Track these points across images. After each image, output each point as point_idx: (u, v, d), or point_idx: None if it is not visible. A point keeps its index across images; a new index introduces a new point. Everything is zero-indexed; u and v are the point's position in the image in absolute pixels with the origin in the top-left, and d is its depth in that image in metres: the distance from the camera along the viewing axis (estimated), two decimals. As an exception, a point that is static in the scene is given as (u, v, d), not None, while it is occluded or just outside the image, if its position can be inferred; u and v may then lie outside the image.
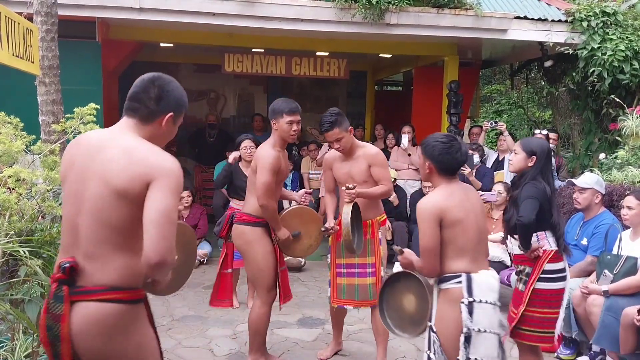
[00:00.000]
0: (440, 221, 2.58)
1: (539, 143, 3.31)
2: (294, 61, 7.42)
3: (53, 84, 4.41)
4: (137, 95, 1.99)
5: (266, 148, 3.67)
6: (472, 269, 2.59)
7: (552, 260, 3.21)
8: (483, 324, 2.55)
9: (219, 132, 8.74)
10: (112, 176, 1.86)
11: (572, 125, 7.83)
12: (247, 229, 3.69)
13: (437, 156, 2.66)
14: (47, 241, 3.39)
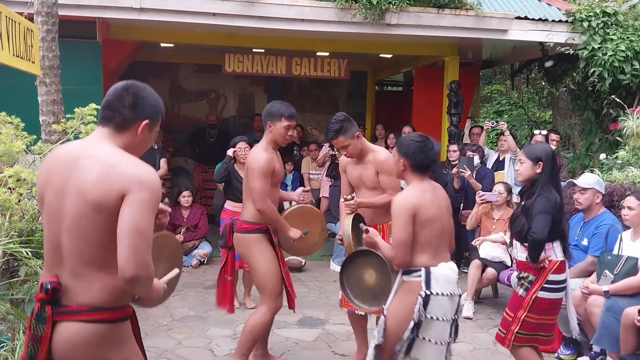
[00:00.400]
0: (415, 216, 2.76)
1: (542, 148, 3.32)
2: (294, 61, 7.42)
3: (54, 84, 4.41)
4: (111, 103, 1.93)
5: (258, 151, 3.59)
6: (432, 263, 2.81)
7: (556, 271, 3.22)
8: (436, 314, 2.79)
9: (219, 132, 8.74)
10: (88, 189, 1.80)
11: (573, 125, 7.84)
12: (247, 236, 3.63)
13: (411, 154, 2.86)
14: (48, 241, 3.39)
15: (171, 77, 9.75)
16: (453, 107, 7.32)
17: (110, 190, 1.79)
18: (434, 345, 2.83)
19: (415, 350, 2.84)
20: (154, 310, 5.04)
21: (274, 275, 3.61)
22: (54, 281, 1.84)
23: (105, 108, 1.94)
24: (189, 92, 9.88)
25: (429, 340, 2.82)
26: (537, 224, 3.13)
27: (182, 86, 9.84)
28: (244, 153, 5.34)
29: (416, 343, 2.83)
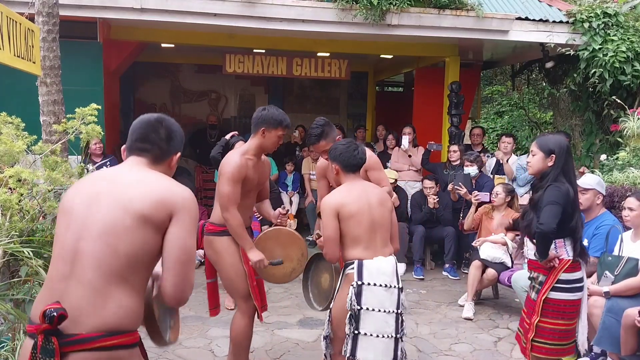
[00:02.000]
0: (337, 215, 2.94)
1: (557, 140, 3.12)
2: (294, 62, 7.43)
3: (54, 84, 4.41)
4: (148, 136, 1.95)
5: (232, 155, 3.42)
6: (366, 256, 2.93)
7: (569, 270, 3.06)
8: (372, 304, 2.86)
9: (220, 133, 8.73)
10: (133, 199, 1.77)
11: (573, 126, 7.83)
12: (214, 239, 3.49)
13: (339, 156, 3.08)
14: (49, 241, 3.39)
15: (172, 78, 9.77)
16: (454, 107, 7.32)
17: (158, 204, 1.77)
18: (377, 339, 2.87)
19: (360, 350, 2.87)
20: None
21: (238, 277, 3.46)
22: (58, 308, 1.63)
23: (141, 140, 1.95)
24: (189, 93, 9.90)
25: (370, 335, 2.86)
26: (545, 214, 2.93)
27: (182, 86, 9.85)
28: None
29: (359, 341, 2.87)
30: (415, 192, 6.90)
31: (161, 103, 9.69)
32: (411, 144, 7.21)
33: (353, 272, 2.92)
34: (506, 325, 4.99)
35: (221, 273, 3.55)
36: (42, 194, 3.24)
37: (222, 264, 3.50)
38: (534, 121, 11.32)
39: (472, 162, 6.22)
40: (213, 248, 3.51)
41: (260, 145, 3.46)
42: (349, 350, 2.88)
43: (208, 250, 3.57)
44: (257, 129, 3.44)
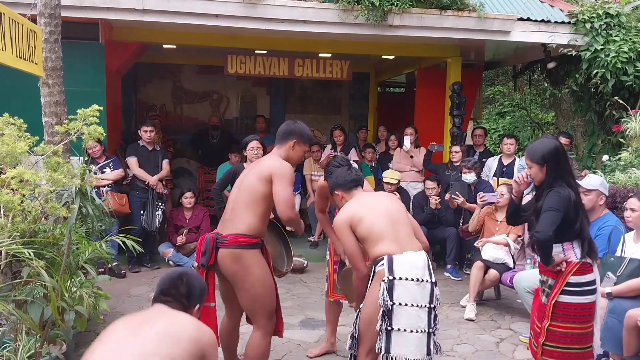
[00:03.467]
0: (350, 226, 3.02)
1: (544, 146, 3.09)
2: (296, 63, 7.43)
3: (56, 85, 4.42)
4: (169, 291, 2.23)
5: (281, 160, 3.34)
6: (394, 251, 2.93)
7: (578, 273, 3.00)
8: (404, 299, 2.85)
9: (221, 134, 8.76)
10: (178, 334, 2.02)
11: (575, 127, 7.83)
12: (245, 252, 3.21)
13: (336, 181, 3.27)
14: (50, 242, 3.39)
15: (174, 79, 9.77)
16: (455, 108, 7.31)
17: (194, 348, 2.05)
18: (410, 334, 2.85)
19: (394, 346, 2.85)
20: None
21: (270, 293, 3.31)
22: None
23: (163, 294, 2.23)
24: (191, 94, 9.89)
25: (404, 330, 2.85)
26: (542, 222, 2.92)
27: (184, 87, 9.85)
28: (257, 153, 5.33)
29: (393, 337, 2.85)
30: (417, 193, 6.90)
31: (161, 104, 9.69)
32: (413, 144, 7.21)
33: (383, 268, 2.90)
34: (508, 326, 4.98)
35: (247, 290, 3.25)
36: (44, 195, 3.25)
37: (251, 280, 3.22)
38: (536, 122, 11.31)
39: (470, 169, 6.19)
40: (242, 262, 3.20)
41: (287, 157, 3.40)
42: (383, 347, 2.86)
43: (234, 265, 3.21)
44: (288, 140, 3.39)
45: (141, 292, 5.62)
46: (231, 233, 3.23)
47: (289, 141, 3.39)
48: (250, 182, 3.29)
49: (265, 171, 3.23)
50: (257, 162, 3.51)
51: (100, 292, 3.80)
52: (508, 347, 4.50)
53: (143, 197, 6.40)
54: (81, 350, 4.13)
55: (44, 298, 3.17)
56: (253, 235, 3.24)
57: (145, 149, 6.48)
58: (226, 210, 3.39)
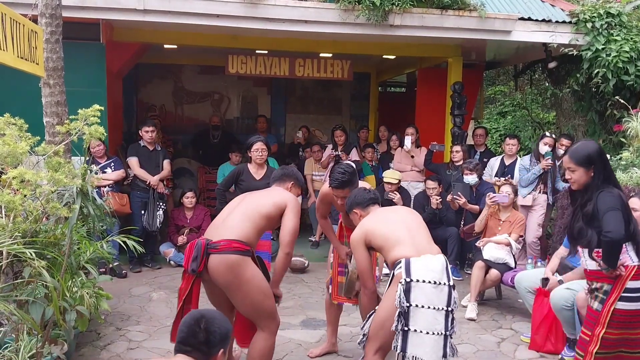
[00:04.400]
0: (365, 240, 3.12)
1: (590, 148, 2.95)
2: (297, 62, 7.43)
3: (57, 85, 4.42)
4: (188, 340, 2.15)
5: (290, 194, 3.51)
6: (412, 254, 2.97)
7: (635, 277, 2.85)
8: (421, 301, 2.86)
9: (222, 134, 8.75)
10: None
11: (577, 126, 7.80)
12: (239, 259, 3.11)
13: (355, 201, 3.39)
14: (52, 242, 3.40)
15: (175, 79, 9.77)
16: (456, 108, 7.30)
17: None
18: (427, 336, 2.86)
19: (410, 346, 2.87)
20: (157, 311, 5.06)
21: (270, 297, 3.28)
22: None
23: (183, 344, 2.16)
24: (192, 94, 9.90)
25: (420, 332, 2.86)
26: (610, 221, 2.75)
27: (185, 87, 9.86)
28: (261, 154, 5.35)
29: (410, 338, 2.86)
30: (418, 193, 6.90)
31: (161, 104, 9.69)
32: (414, 144, 7.21)
33: (400, 271, 2.93)
34: (509, 326, 4.98)
35: (244, 299, 3.19)
36: (46, 195, 3.25)
37: (246, 288, 3.15)
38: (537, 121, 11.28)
39: (472, 170, 6.18)
40: (236, 270, 3.11)
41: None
42: (400, 347, 2.89)
43: (227, 273, 3.10)
44: (285, 182, 3.65)
45: (142, 292, 5.63)
46: (224, 238, 3.13)
47: (286, 183, 3.65)
48: (259, 201, 3.37)
49: (281, 200, 3.37)
50: (266, 190, 3.63)
51: (101, 292, 3.80)
52: (509, 347, 4.50)
53: (144, 197, 6.40)
54: (82, 350, 4.14)
55: (45, 298, 3.18)
56: (247, 243, 3.17)
57: (146, 149, 6.49)
58: (219, 218, 3.36)
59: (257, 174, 5.42)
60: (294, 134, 9.32)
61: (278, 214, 3.32)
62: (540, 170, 6.17)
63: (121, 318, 4.88)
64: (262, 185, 5.20)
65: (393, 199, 6.51)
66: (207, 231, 3.33)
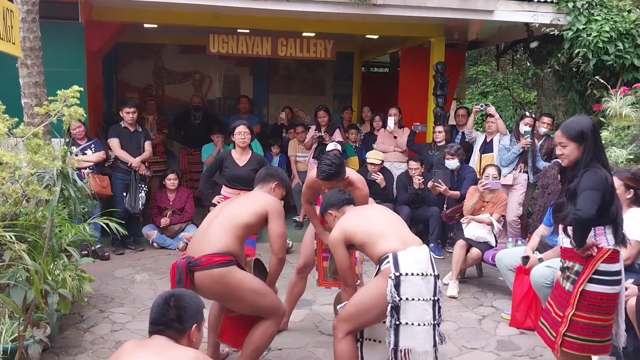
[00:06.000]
0: (345, 240, 3.12)
1: (582, 123, 2.87)
2: (279, 42, 7.35)
3: (35, 65, 4.35)
4: (159, 320, 2.15)
5: (273, 197, 3.51)
6: (398, 248, 2.98)
7: (608, 260, 2.81)
8: (411, 294, 2.89)
9: (204, 115, 8.67)
10: None
11: (557, 106, 7.89)
12: (223, 271, 3.10)
13: (329, 202, 3.39)
14: (32, 225, 3.37)
15: (155, 59, 9.64)
16: (439, 88, 7.32)
17: None
18: (418, 327, 2.90)
19: (402, 339, 2.90)
20: (141, 293, 5.05)
21: (268, 292, 3.30)
22: None
23: (155, 324, 2.16)
24: (173, 74, 9.78)
25: (412, 324, 2.89)
26: (584, 200, 2.71)
27: (166, 67, 9.74)
28: (244, 138, 5.32)
29: (401, 331, 2.89)
30: (401, 173, 6.93)
31: (146, 85, 9.58)
32: (397, 125, 7.22)
33: (389, 266, 2.93)
34: (490, 304, 5.06)
35: (240, 303, 3.22)
36: (25, 177, 3.21)
37: (240, 293, 3.15)
38: (518, 101, 11.38)
39: (454, 155, 6.22)
40: (223, 282, 3.11)
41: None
42: (392, 342, 2.90)
43: (216, 287, 3.12)
44: (269, 182, 3.59)
45: (125, 274, 5.61)
46: (205, 254, 3.12)
47: (270, 183, 3.59)
48: (237, 211, 3.33)
49: (260, 207, 3.34)
50: (246, 196, 3.59)
51: (84, 274, 3.78)
52: (490, 324, 4.58)
53: (125, 179, 6.35)
54: (66, 333, 4.13)
55: (27, 281, 3.16)
56: (228, 253, 3.15)
57: (127, 130, 6.41)
58: (199, 232, 3.36)
59: (240, 160, 5.38)
60: (277, 114, 9.27)
61: (259, 222, 3.33)
62: (520, 149, 6.23)
63: (104, 300, 4.87)
64: (246, 172, 5.19)
65: (376, 180, 6.54)
66: (190, 246, 3.35)
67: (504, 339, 4.30)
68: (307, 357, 3.90)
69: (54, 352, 3.79)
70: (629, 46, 6.23)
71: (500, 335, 4.36)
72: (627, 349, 3.51)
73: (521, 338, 4.31)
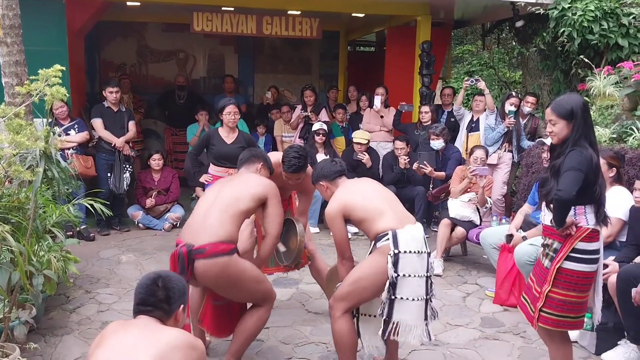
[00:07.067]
0: (344, 214, 3.11)
1: (573, 101, 2.85)
2: (264, 20, 7.26)
3: (15, 44, 4.27)
4: (147, 300, 2.14)
5: (268, 180, 3.42)
6: (397, 226, 3.03)
7: (586, 239, 2.82)
8: (407, 270, 2.96)
9: (188, 94, 8.60)
10: None
11: (542, 85, 7.91)
12: (229, 259, 3.02)
13: (321, 172, 3.34)
14: (15, 206, 3.34)
15: (138, 37, 9.50)
16: (425, 67, 7.31)
17: None
18: (412, 302, 2.98)
19: (396, 313, 2.97)
20: (127, 273, 5.05)
21: (264, 280, 3.28)
22: None
23: (142, 304, 2.14)
24: (156, 53, 9.65)
25: (406, 299, 2.96)
26: (565, 180, 2.73)
27: (149, 46, 9.60)
28: (234, 117, 5.27)
29: (395, 305, 2.96)
30: (387, 153, 6.95)
31: (130, 63, 9.45)
32: (383, 104, 7.21)
33: (387, 243, 2.98)
34: (474, 281, 5.13)
35: (239, 292, 3.18)
36: (7, 158, 3.17)
37: (241, 283, 3.12)
38: (504, 80, 11.41)
39: (438, 135, 6.23)
40: (227, 271, 3.03)
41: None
42: (385, 313, 2.98)
43: (219, 277, 3.03)
44: (254, 163, 3.51)
45: (111, 255, 5.60)
46: (210, 242, 3.00)
47: (255, 164, 3.51)
48: (237, 194, 3.20)
49: (261, 192, 3.22)
50: (240, 179, 3.41)
51: (69, 255, 3.77)
52: (474, 302, 4.65)
53: (110, 160, 6.29)
54: (52, 314, 4.13)
55: (11, 263, 3.14)
56: (231, 241, 3.08)
57: (110, 110, 6.34)
58: (197, 217, 3.18)
59: (228, 138, 5.34)
60: (263, 94, 9.21)
61: (257, 206, 3.25)
62: (505, 129, 6.27)
63: (90, 281, 4.86)
64: (234, 149, 5.16)
65: (362, 160, 6.55)
66: (185, 232, 3.19)
67: (487, 315, 4.37)
68: (294, 335, 3.93)
69: (40, 333, 3.79)
70: (613, 25, 6.25)
71: (484, 312, 4.43)
72: (607, 324, 3.61)
73: (505, 315, 4.38)
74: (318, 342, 3.82)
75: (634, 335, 3.45)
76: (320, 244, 6.14)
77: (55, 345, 3.67)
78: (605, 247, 3.65)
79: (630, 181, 4.16)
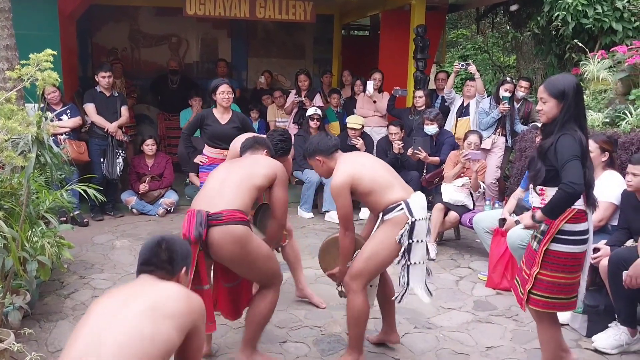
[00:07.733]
0: (351, 186, 3.13)
1: (566, 81, 2.81)
2: (258, 3, 7.20)
3: (5, 28, 4.23)
4: (150, 260, 2.17)
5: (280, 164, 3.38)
6: (406, 196, 3.16)
7: (572, 221, 2.79)
8: (420, 237, 3.13)
9: (181, 79, 8.55)
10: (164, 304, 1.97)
11: (536, 69, 7.91)
12: (245, 229, 2.97)
13: (318, 147, 3.33)
14: (8, 192, 3.33)
15: (130, 21, 9.41)
16: (419, 51, 7.28)
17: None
18: (420, 265, 3.18)
19: (412, 278, 3.16)
20: (121, 258, 5.06)
21: (273, 258, 3.24)
22: None
23: (146, 264, 2.16)
24: (149, 37, 9.56)
25: (417, 263, 3.15)
26: (573, 172, 2.65)
27: (141, 30, 9.51)
28: (227, 97, 5.23)
29: (411, 270, 3.15)
30: (381, 138, 6.94)
31: (122, 48, 9.36)
32: (377, 89, 7.19)
33: (401, 212, 3.09)
34: (467, 265, 5.17)
35: (251, 268, 3.09)
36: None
37: (254, 257, 3.04)
38: (498, 65, 11.39)
39: (432, 120, 6.22)
40: (242, 241, 2.96)
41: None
42: (406, 281, 3.17)
43: (234, 246, 2.94)
44: (259, 150, 3.50)
45: (105, 240, 5.60)
46: (227, 208, 2.94)
47: (259, 151, 3.51)
48: (251, 170, 3.19)
49: (271, 171, 3.20)
50: (249, 159, 3.40)
51: (62, 241, 3.77)
52: (467, 285, 4.68)
53: (103, 145, 6.27)
54: (46, 299, 4.13)
55: (5, 249, 3.13)
56: (246, 212, 3.04)
57: (103, 95, 6.30)
58: (210, 188, 3.12)
59: (222, 118, 5.30)
60: (256, 78, 9.17)
61: (267, 186, 3.21)
62: (499, 114, 6.28)
63: (84, 266, 4.86)
64: (228, 129, 5.13)
65: (356, 145, 6.55)
66: (199, 200, 3.09)
67: (480, 299, 4.40)
68: (288, 319, 3.96)
69: (34, 318, 3.80)
70: (607, 9, 6.24)
71: (477, 296, 4.47)
72: (598, 307, 3.65)
73: (497, 298, 4.42)
74: (312, 326, 3.84)
75: (625, 317, 3.50)
76: (314, 229, 6.17)
77: (50, 330, 3.68)
78: (597, 231, 3.70)
79: (622, 165, 4.17)
